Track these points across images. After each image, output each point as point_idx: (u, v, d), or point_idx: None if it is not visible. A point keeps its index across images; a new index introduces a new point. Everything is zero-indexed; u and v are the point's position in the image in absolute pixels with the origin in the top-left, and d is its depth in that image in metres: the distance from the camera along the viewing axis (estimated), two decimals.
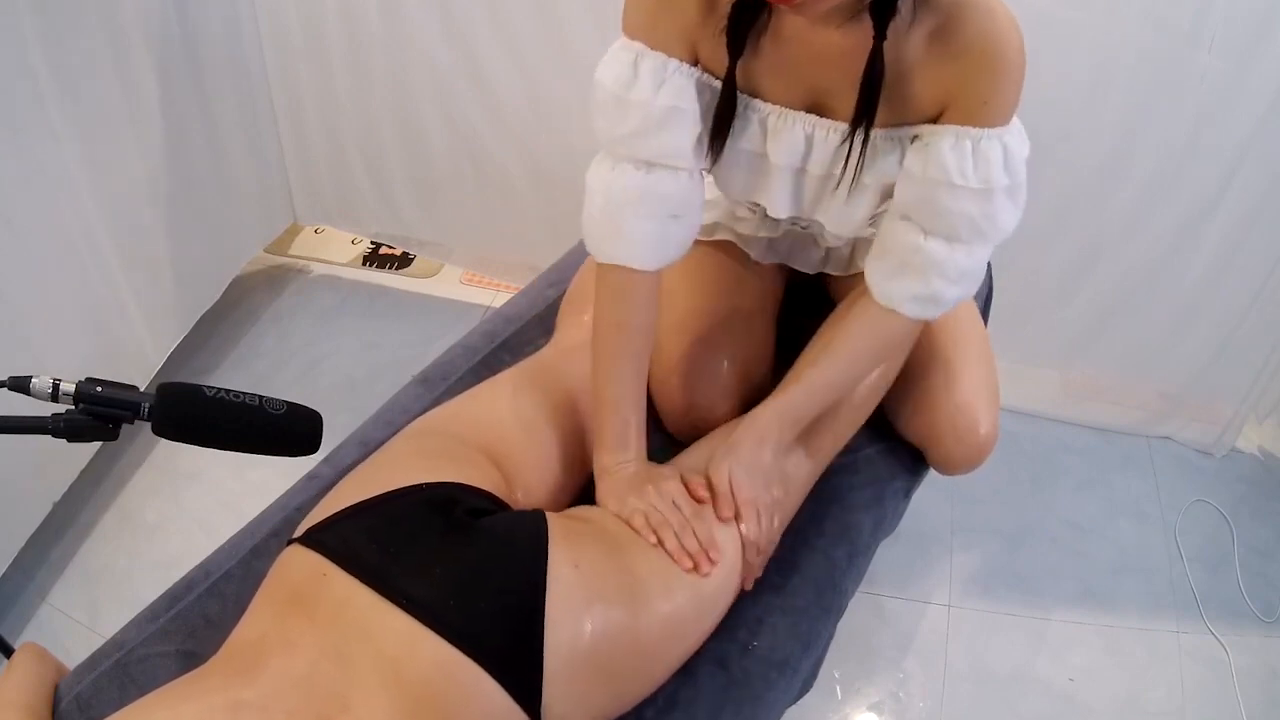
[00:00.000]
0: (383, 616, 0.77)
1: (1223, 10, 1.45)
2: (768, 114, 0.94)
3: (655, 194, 0.95)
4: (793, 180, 0.98)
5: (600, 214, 0.98)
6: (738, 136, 0.95)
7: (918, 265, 0.93)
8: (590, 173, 1.00)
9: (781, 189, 0.98)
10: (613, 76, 0.92)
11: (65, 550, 1.69)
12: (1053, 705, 1.54)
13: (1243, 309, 1.78)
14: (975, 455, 1.14)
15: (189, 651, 0.94)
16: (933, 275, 0.93)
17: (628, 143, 0.94)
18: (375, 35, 1.92)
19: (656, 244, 0.98)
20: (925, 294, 0.95)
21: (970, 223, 0.89)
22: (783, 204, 1.00)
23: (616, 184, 0.96)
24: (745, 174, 0.99)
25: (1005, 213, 0.90)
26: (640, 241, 0.97)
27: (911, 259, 0.93)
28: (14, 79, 1.42)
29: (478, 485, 0.91)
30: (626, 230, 0.97)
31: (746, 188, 1.01)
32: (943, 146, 0.87)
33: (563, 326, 1.24)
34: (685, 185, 0.96)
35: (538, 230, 2.13)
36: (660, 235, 0.97)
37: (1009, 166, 0.87)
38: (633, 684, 0.88)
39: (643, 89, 0.91)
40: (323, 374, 2.06)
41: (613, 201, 0.96)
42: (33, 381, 0.77)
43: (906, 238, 0.93)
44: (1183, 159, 1.63)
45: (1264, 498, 1.90)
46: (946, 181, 0.87)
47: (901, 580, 1.70)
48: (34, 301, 1.53)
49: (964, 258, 0.93)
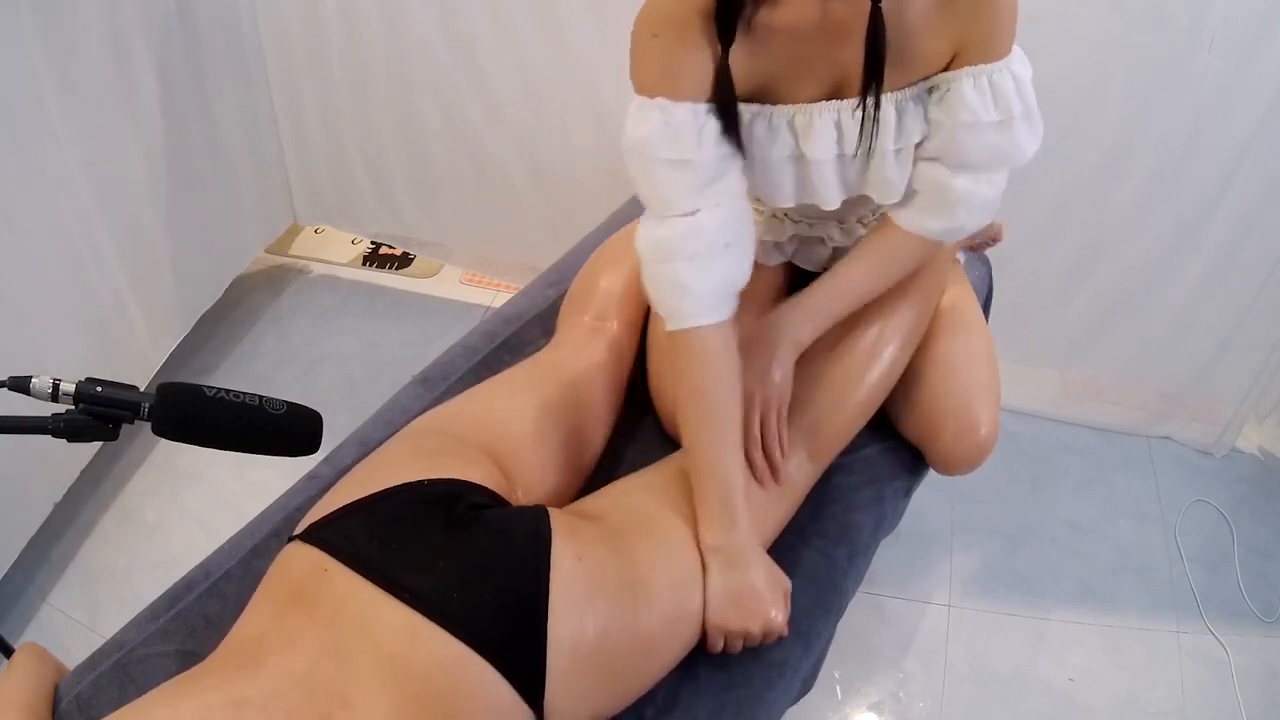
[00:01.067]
0: (384, 611, 0.77)
1: (1223, 10, 1.45)
2: (793, 115, 0.95)
3: (701, 230, 0.93)
4: (837, 168, 0.98)
5: (656, 273, 0.96)
6: (771, 148, 0.96)
7: (948, 202, 0.98)
8: (639, 240, 0.97)
9: (829, 181, 0.99)
10: (645, 135, 0.90)
11: (65, 550, 1.69)
12: (1053, 705, 1.54)
13: (1243, 309, 1.78)
14: (975, 455, 1.14)
15: (189, 651, 0.94)
16: (960, 209, 0.98)
17: (686, 200, 0.92)
18: (375, 35, 1.92)
19: (716, 285, 0.95)
20: (953, 226, 1.01)
21: (995, 151, 0.94)
22: (834, 194, 1.00)
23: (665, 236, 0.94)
24: (792, 180, 1.00)
25: (1025, 136, 0.94)
26: (698, 288, 0.94)
27: (941, 197, 0.98)
28: (14, 79, 1.42)
29: (478, 482, 0.92)
30: (683, 279, 0.94)
31: (797, 192, 1.01)
32: (964, 90, 0.91)
33: (563, 326, 1.24)
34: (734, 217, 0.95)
35: (538, 230, 2.13)
36: (714, 274, 0.95)
37: (1021, 92, 0.92)
38: (634, 678, 0.88)
39: (688, 144, 0.89)
40: (323, 374, 2.06)
41: (664, 253, 0.94)
42: (33, 381, 0.77)
43: (935, 177, 0.97)
44: (1183, 159, 1.63)
45: (1264, 498, 1.90)
46: (973, 122, 0.91)
47: (901, 580, 1.70)
48: (34, 301, 1.53)
49: (987, 188, 0.97)
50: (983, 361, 1.18)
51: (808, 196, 1.02)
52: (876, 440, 1.20)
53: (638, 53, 0.90)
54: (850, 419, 1.12)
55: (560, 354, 1.17)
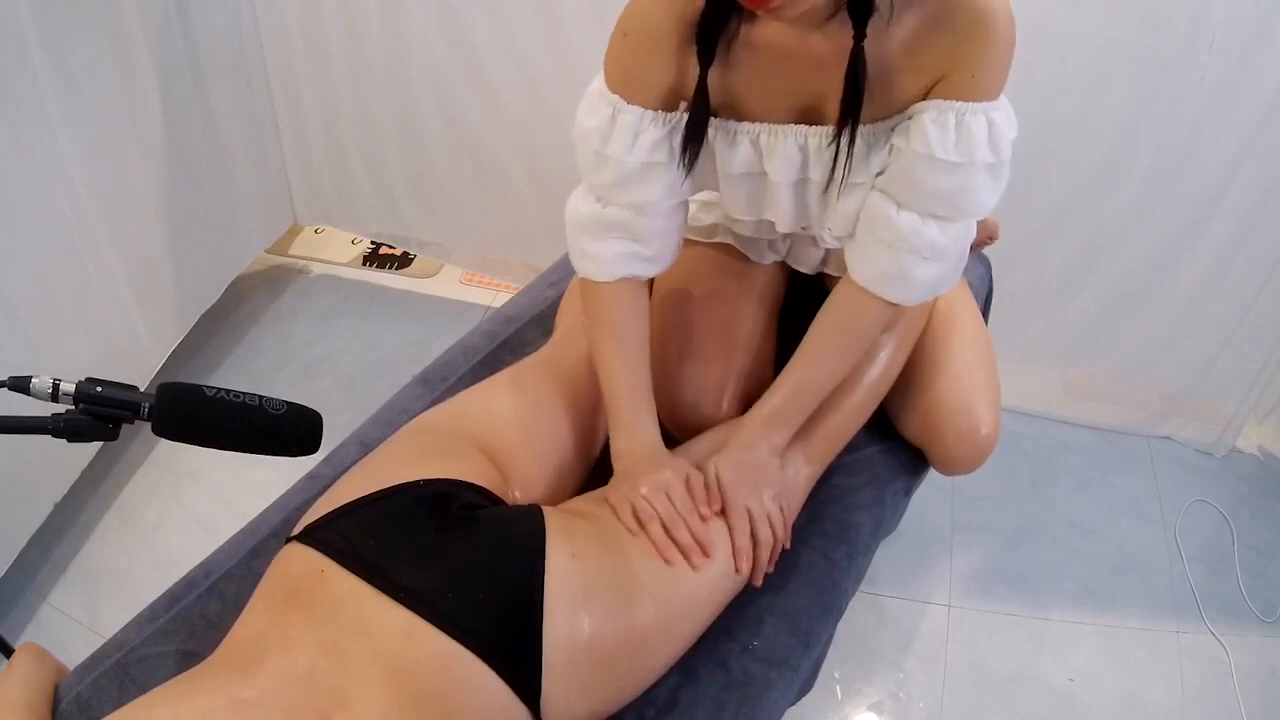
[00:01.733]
0: (381, 611, 0.77)
1: (1223, 10, 1.45)
2: (758, 133, 0.94)
3: (612, 221, 0.99)
4: (794, 192, 0.97)
5: (571, 235, 1.03)
6: (731, 162, 0.95)
7: (888, 240, 0.92)
8: (570, 200, 1.04)
9: (785, 202, 0.98)
10: (591, 127, 0.94)
11: (65, 550, 1.69)
12: (1053, 705, 1.54)
13: (1243, 309, 1.78)
14: (976, 455, 1.14)
15: (189, 651, 0.94)
16: (902, 250, 0.92)
17: (604, 191, 0.98)
18: (375, 35, 1.92)
19: (610, 261, 1.01)
20: (894, 270, 0.94)
21: (947, 198, 0.88)
22: (788, 217, 1.00)
23: (580, 206, 1.01)
24: (749, 195, 1.00)
25: (985, 190, 0.88)
26: (594, 256, 1.01)
27: (882, 233, 0.92)
28: (14, 79, 1.42)
29: (475, 481, 0.92)
30: (582, 244, 1.01)
31: (753, 207, 1.02)
32: (924, 120, 0.85)
33: (561, 326, 1.24)
34: (648, 219, 0.99)
35: (538, 230, 2.13)
36: (613, 254, 1.00)
37: (993, 142, 0.86)
38: (631, 676, 0.88)
39: (619, 145, 0.93)
40: (323, 374, 2.06)
41: (576, 220, 1.02)
42: (33, 381, 0.77)
43: (880, 210, 0.92)
44: (1183, 159, 1.63)
45: (1264, 498, 1.90)
46: (927, 155, 0.85)
47: (901, 580, 1.70)
48: (34, 301, 1.53)
49: (936, 233, 0.90)
50: (982, 362, 1.18)
51: (766, 213, 1.02)
52: (876, 441, 1.21)
53: (610, 46, 0.93)
54: (847, 422, 1.12)
55: (558, 353, 1.17)
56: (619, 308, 1.03)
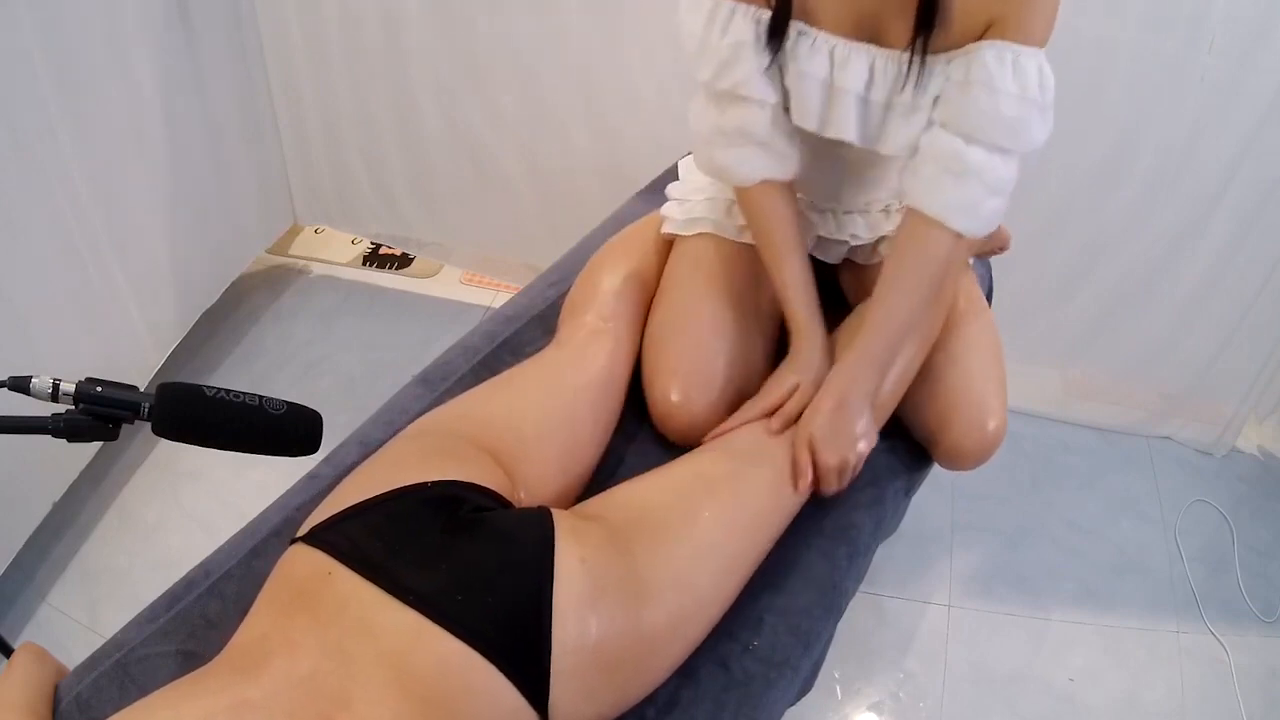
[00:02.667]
0: (388, 613, 0.77)
1: (1223, 10, 1.45)
2: (834, 45, 1.02)
3: (731, 128, 1.09)
4: (859, 107, 1.05)
5: (698, 147, 1.17)
6: (808, 64, 1.04)
7: (958, 172, 1.00)
8: (691, 108, 1.15)
9: (850, 114, 1.05)
10: (691, 26, 1.06)
11: (65, 550, 1.69)
12: (1053, 705, 1.54)
13: (1243, 309, 1.78)
14: (985, 448, 1.14)
15: (189, 651, 0.94)
16: (972, 181, 1.00)
17: (710, 80, 1.07)
18: (375, 36, 1.92)
19: (745, 165, 1.12)
20: (966, 201, 1.01)
21: (1009, 128, 0.97)
22: (852, 128, 1.07)
23: (702, 121, 1.12)
24: (818, 103, 1.06)
25: (1037, 126, 0.98)
26: (731, 166, 1.12)
27: (952, 165, 1.00)
28: (14, 79, 1.42)
29: (482, 484, 0.91)
30: (718, 160, 1.13)
31: (821, 118, 1.08)
32: (986, 55, 0.95)
33: (564, 326, 1.24)
34: (759, 117, 1.08)
35: (538, 230, 2.13)
36: (745, 159, 1.11)
37: (1043, 85, 0.96)
38: (638, 679, 0.88)
39: (715, 32, 1.04)
40: (323, 374, 2.06)
41: (701, 136, 1.13)
42: (33, 381, 0.76)
43: (949, 146, 1.00)
44: (1183, 159, 1.63)
45: (1264, 498, 1.90)
46: (988, 83, 0.95)
47: (901, 580, 1.70)
48: (34, 301, 1.53)
49: (1001, 165, 0.99)
50: (994, 356, 1.18)
51: (830, 125, 1.07)
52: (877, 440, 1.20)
53: None
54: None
55: (562, 354, 1.17)
56: (770, 206, 1.13)
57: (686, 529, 0.95)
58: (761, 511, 1.02)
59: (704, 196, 1.27)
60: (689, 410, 1.14)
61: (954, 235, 1.03)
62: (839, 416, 1.05)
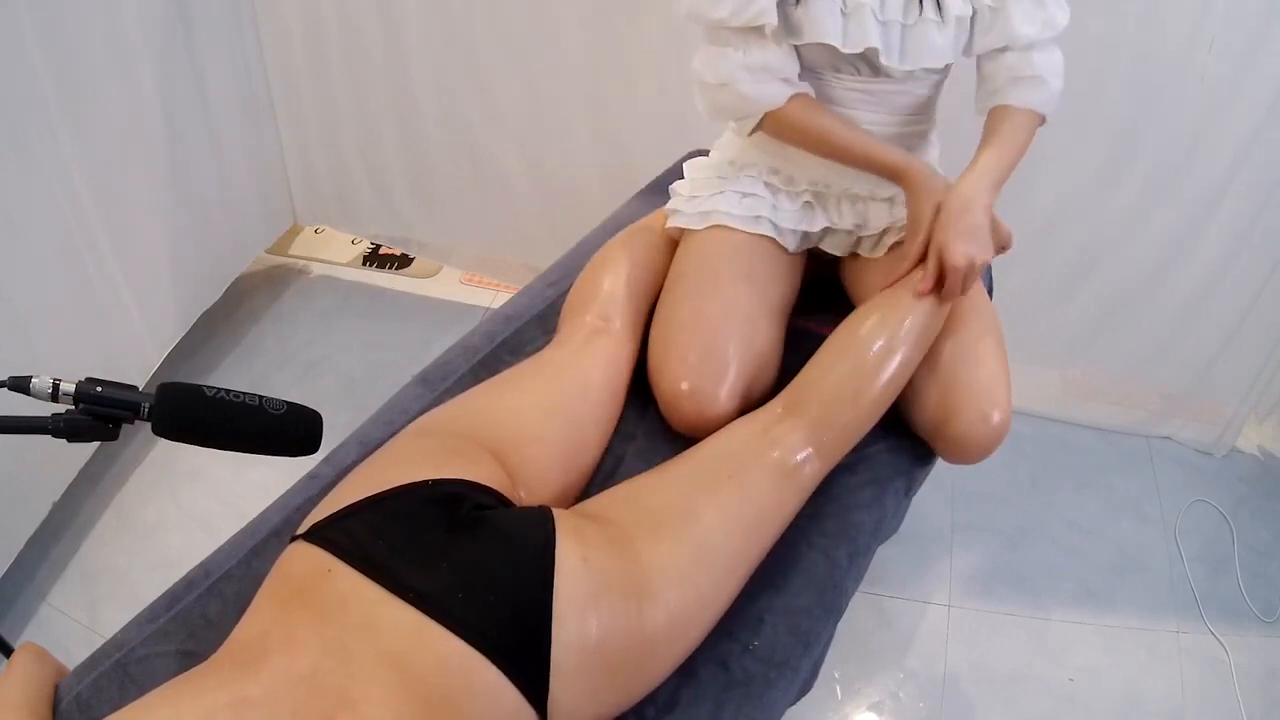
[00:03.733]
0: (389, 611, 0.77)
1: (1223, 10, 1.46)
2: None
3: (755, 64, 1.14)
4: (878, 26, 1.13)
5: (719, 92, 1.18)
6: None
7: (1032, 76, 1.17)
8: (696, 61, 1.20)
9: (869, 26, 1.12)
10: None
11: (65, 550, 1.69)
12: (1053, 705, 1.54)
13: (1243, 309, 1.78)
14: (990, 441, 1.13)
15: (189, 651, 0.94)
16: (1052, 75, 1.19)
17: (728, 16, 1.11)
18: (375, 36, 1.92)
19: (774, 91, 1.17)
20: (1053, 92, 1.19)
21: (1043, 21, 1.15)
22: (874, 36, 1.13)
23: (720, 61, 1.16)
24: (837, 23, 1.12)
25: (1055, 8, 1.16)
26: (759, 96, 1.17)
27: (1027, 73, 1.17)
28: (14, 80, 1.42)
29: (482, 483, 0.91)
30: (746, 93, 1.17)
31: (842, 32, 1.13)
32: None
33: (565, 326, 1.24)
34: (776, 52, 1.14)
35: (537, 230, 2.13)
36: (773, 90, 1.17)
37: None
38: (639, 678, 0.88)
39: None
40: (323, 374, 2.06)
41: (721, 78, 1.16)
42: (33, 381, 0.76)
43: (1017, 61, 1.17)
44: (1183, 159, 1.63)
45: (1264, 498, 1.90)
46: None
47: (901, 580, 1.70)
48: (34, 301, 1.53)
49: (1058, 56, 1.20)
50: (998, 349, 1.18)
51: (851, 39, 1.13)
52: (877, 440, 1.20)
53: None
54: (864, 415, 1.12)
55: (563, 353, 1.17)
56: (811, 107, 1.19)
57: (688, 528, 0.95)
58: (763, 510, 1.02)
59: (714, 190, 1.28)
60: (698, 400, 1.13)
61: (1039, 116, 1.20)
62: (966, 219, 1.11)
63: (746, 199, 1.27)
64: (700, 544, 0.95)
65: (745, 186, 1.28)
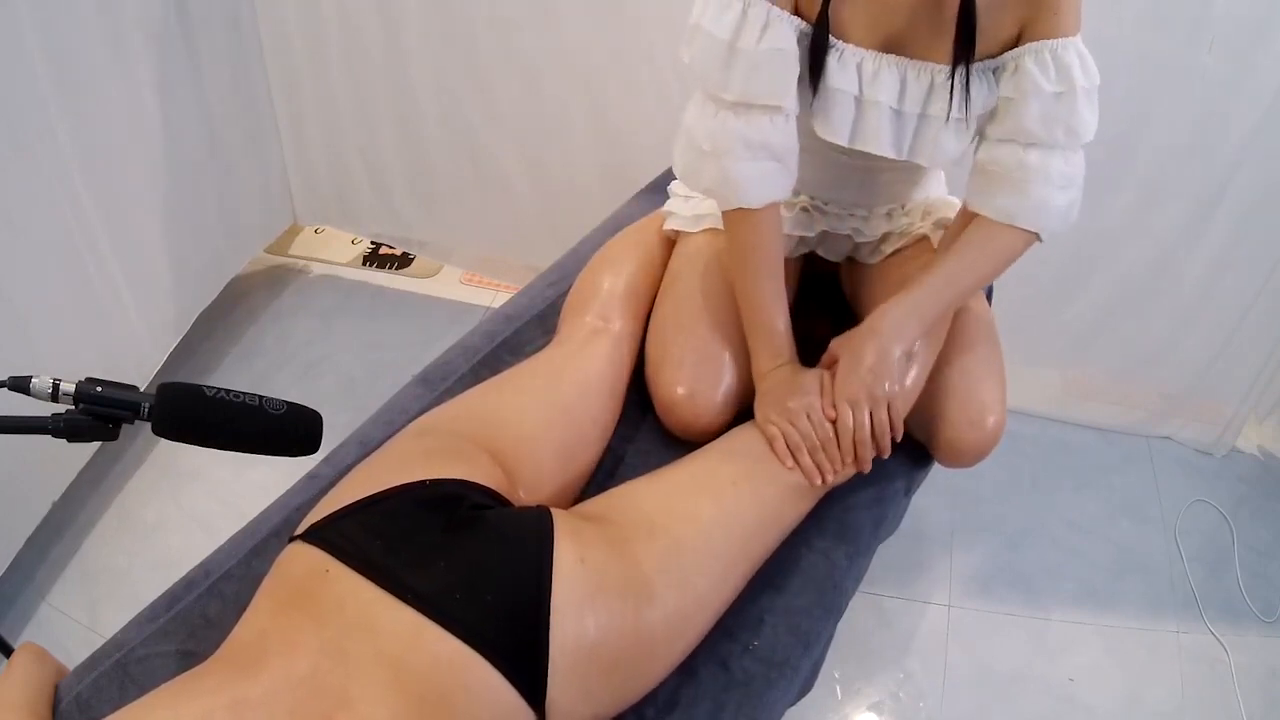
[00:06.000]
0: (387, 611, 0.77)
1: (1223, 10, 1.45)
2: (863, 59, 1.03)
3: (756, 141, 1.03)
4: (891, 120, 1.06)
5: (705, 159, 1.06)
6: (837, 79, 1.03)
7: (1021, 179, 1.03)
8: (690, 115, 1.08)
9: (883, 126, 1.06)
10: (722, 25, 0.99)
11: (65, 550, 1.69)
12: (1053, 705, 1.54)
13: (1243, 309, 1.78)
14: (983, 444, 1.13)
15: (189, 651, 0.94)
16: (1038, 183, 1.03)
17: (733, 87, 1.01)
18: (375, 36, 1.92)
19: (760, 184, 1.06)
20: (1034, 204, 1.04)
21: (1061, 124, 1.00)
22: (886, 142, 1.07)
23: (720, 131, 1.04)
24: (848, 116, 1.06)
25: (1088, 113, 1.01)
26: (745, 183, 1.05)
27: (1016, 174, 1.03)
28: (14, 79, 1.42)
29: (481, 483, 0.91)
30: (733, 174, 1.05)
31: (851, 131, 1.07)
32: (1027, 63, 0.99)
33: (565, 326, 1.24)
34: (783, 129, 1.04)
35: (537, 230, 2.13)
36: (762, 176, 1.06)
37: (1085, 69, 0.99)
38: (636, 679, 0.88)
39: (749, 36, 0.99)
40: (323, 374, 2.06)
41: (718, 148, 1.04)
42: (33, 381, 0.77)
43: (1009, 157, 1.04)
44: (1183, 159, 1.63)
45: (1264, 498, 1.90)
46: (1035, 90, 0.99)
47: (901, 580, 1.70)
48: (34, 301, 1.53)
49: (1061, 163, 1.03)
50: (993, 352, 1.18)
51: (860, 138, 1.07)
52: None
53: None
54: None
55: (562, 353, 1.17)
56: (768, 232, 1.09)
57: (686, 530, 0.95)
58: (766, 516, 1.02)
59: None
60: (694, 404, 1.13)
61: (1026, 235, 1.06)
62: (882, 367, 1.03)
63: None
64: (699, 546, 0.94)
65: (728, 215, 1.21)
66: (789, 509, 1.05)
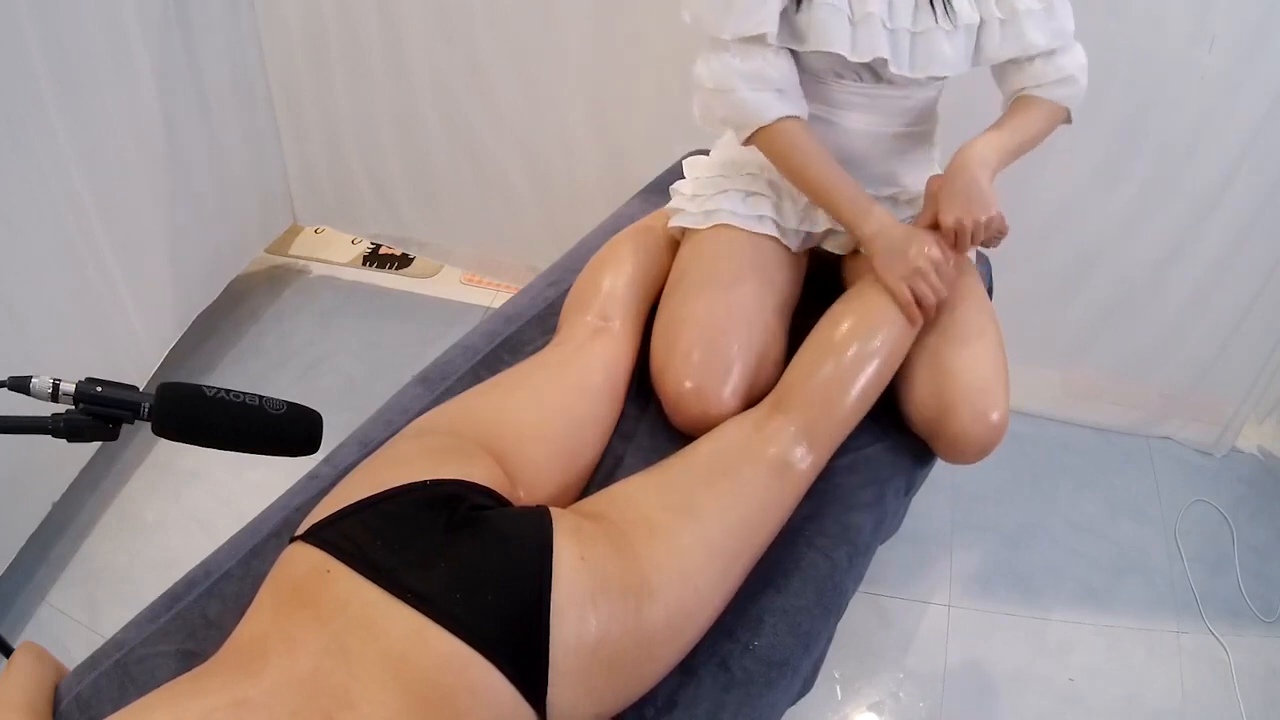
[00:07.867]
0: (388, 612, 0.77)
1: (1223, 10, 1.46)
2: None
3: (752, 73, 1.14)
4: (888, 37, 1.13)
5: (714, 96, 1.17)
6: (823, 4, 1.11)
7: (1054, 78, 1.18)
8: (698, 65, 1.18)
9: (878, 35, 1.12)
10: None
11: (65, 550, 1.69)
12: (1053, 705, 1.54)
13: (1243, 309, 1.78)
14: (989, 439, 1.13)
15: (189, 651, 0.94)
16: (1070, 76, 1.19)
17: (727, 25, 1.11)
18: (374, 36, 1.92)
19: (768, 106, 1.16)
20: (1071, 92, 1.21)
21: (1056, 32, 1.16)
22: (883, 45, 1.12)
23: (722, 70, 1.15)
24: (845, 32, 1.12)
25: (1065, 16, 1.17)
26: (753, 107, 1.15)
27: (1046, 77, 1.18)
28: (14, 79, 1.42)
29: (481, 483, 0.91)
30: (739, 102, 1.15)
31: (851, 40, 1.13)
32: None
33: (565, 325, 1.24)
34: (774, 63, 1.14)
35: (537, 231, 2.13)
36: (768, 102, 1.15)
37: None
38: (637, 677, 0.88)
39: None
40: (323, 374, 2.06)
41: (721, 85, 1.15)
42: (33, 381, 0.76)
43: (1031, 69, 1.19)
44: (1183, 159, 1.63)
45: (1264, 498, 1.90)
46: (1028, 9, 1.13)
47: (901, 580, 1.70)
48: (34, 301, 1.53)
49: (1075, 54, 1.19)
50: (996, 347, 1.18)
51: (859, 48, 1.13)
52: (877, 440, 1.20)
53: None
54: (855, 405, 1.12)
55: (562, 353, 1.17)
56: (797, 135, 1.17)
57: (686, 526, 0.95)
58: (760, 507, 1.02)
59: (718, 190, 1.28)
60: (702, 399, 1.13)
61: (1063, 111, 1.22)
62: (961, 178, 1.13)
63: (750, 198, 1.27)
64: (698, 542, 0.95)
65: (748, 186, 1.28)
66: (784, 496, 1.05)
